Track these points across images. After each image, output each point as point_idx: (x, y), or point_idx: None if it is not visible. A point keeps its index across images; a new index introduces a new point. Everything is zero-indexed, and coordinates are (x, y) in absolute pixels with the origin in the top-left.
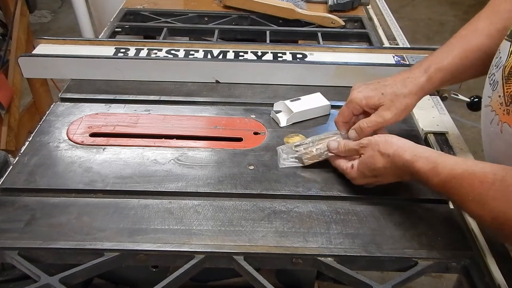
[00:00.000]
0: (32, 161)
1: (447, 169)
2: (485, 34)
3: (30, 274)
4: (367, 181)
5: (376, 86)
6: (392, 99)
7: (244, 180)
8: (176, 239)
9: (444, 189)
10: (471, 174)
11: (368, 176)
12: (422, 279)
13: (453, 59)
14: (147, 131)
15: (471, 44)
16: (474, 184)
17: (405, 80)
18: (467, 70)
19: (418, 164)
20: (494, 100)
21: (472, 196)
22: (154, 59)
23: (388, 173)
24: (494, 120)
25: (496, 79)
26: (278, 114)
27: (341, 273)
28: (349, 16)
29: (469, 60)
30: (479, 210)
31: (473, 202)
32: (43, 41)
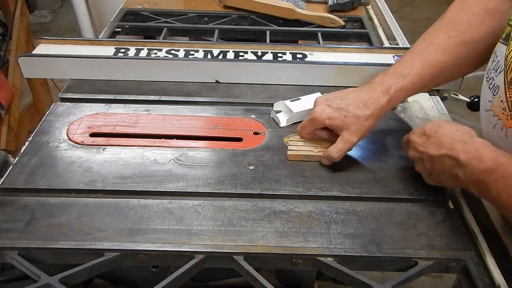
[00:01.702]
0: (32, 161)
1: (507, 157)
2: (442, 49)
3: (30, 274)
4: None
5: (339, 106)
6: (355, 122)
7: (244, 180)
8: (176, 239)
9: (493, 177)
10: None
11: (423, 135)
12: (422, 279)
13: (412, 78)
14: (147, 131)
15: (429, 60)
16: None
17: (366, 102)
18: (425, 86)
19: (478, 142)
20: (496, 105)
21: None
22: (154, 59)
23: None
24: (497, 125)
25: (496, 83)
26: (278, 114)
27: (341, 273)
28: (349, 16)
29: (427, 77)
30: None
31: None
32: (43, 41)
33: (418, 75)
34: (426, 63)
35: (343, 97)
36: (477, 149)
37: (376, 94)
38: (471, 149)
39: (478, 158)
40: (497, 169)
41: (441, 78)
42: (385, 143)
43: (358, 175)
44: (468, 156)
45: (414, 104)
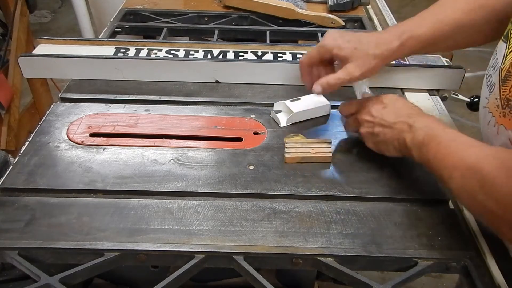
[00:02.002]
0: (32, 161)
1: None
2: (461, 8)
3: (30, 274)
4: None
5: (351, 39)
6: (362, 57)
7: (244, 180)
8: (176, 239)
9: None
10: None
11: (381, 101)
12: (422, 279)
13: (427, 29)
14: (147, 131)
15: (447, 17)
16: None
17: (379, 41)
18: (438, 42)
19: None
20: (491, 102)
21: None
22: (154, 59)
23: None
24: (491, 122)
25: (493, 81)
26: (278, 114)
27: (341, 273)
28: (349, 16)
29: (442, 33)
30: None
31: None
32: (43, 41)
33: (433, 29)
34: (442, 19)
35: (356, 34)
36: (431, 121)
37: (389, 37)
38: (425, 119)
39: (429, 126)
40: (444, 135)
41: (454, 38)
42: None
43: (358, 175)
44: (421, 124)
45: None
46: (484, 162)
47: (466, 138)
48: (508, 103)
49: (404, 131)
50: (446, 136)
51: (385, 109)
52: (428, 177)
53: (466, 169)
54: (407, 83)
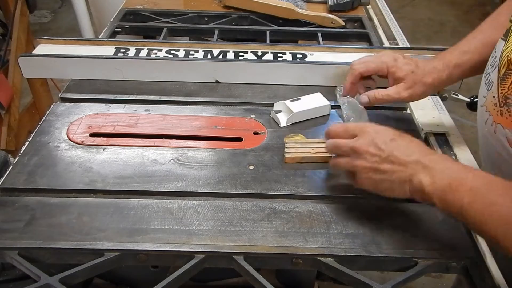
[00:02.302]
0: (32, 161)
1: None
2: (503, 28)
3: (30, 274)
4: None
5: (409, 62)
6: (415, 82)
7: (244, 180)
8: (176, 239)
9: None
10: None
11: (389, 132)
12: (422, 279)
13: (473, 55)
14: (147, 131)
15: (490, 38)
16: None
17: (432, 71)
18: (482, 66)
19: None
20: (488, 100)
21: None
22: (154, 59)
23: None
24: (488, 120)
25: (491, 79)
26: (278, 114)
27: (341, 273)
28: (349, 16)
29: (486, 55)
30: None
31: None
32: (43, 41)
33: (479, 53)
34: (486, 41)
35: (412, 59)
36: (449, 161)
37: (439, 66)
38: (442, 160)
39: (451, 168)
40: (472, 178)
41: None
42: None
43: None
44: (441, 166)
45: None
46: None
47: (498, 180)
48: (506, 101)
49: (419, 173)
50: (476, 180)
51: (395, 143)
52: None
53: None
54: None
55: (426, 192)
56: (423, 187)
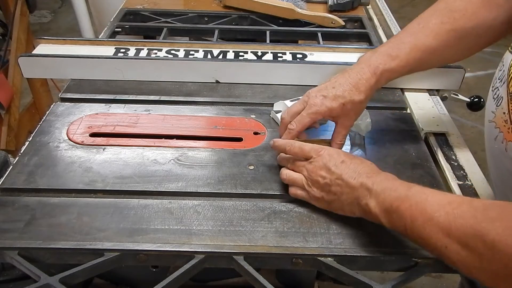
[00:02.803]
0: (32, 161)
1: (419, 186)
2: (434, 34)
3: (30, 274)
4: (334, 156)
5: (335, 94)
6: (353, 108)
7: (244, 180)
8: (176, 239)
9: (407, 203)
10: (441, 195)
11: (338, 156)
12: (422, 279)
13: (400, 61)
14: (147, 131)
15: (419, 44)
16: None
17: (358, 84)
18: (412, 69)
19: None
20: (498, 116)
21: (438, 213)
22: (154, 59)
23: (354, 169)
24: (498, 137)
25: (500, 94)
26: (278, 114)
27: (341, 273)
28: (349, 16)
29: (415, 61)
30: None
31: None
32: (43, 41)
33: (406, 59)
34: (415, 47)
35: (335, 85)
36: (389, 179)
37: (365, 75)
38: (383, 179)
39: (390, 187)
40: (411, 195)
41: (428, 63)
42: (384, 144)
43: None
44: (381, 186)
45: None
46: (486, 226)
47: (438, 194)
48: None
49: (365, 196)
50: (415, 196)
51: (344, 165)
52: (428, 177)
53: (465, 237)
54: (407, 83)
55: (373, 213)
56: (370, 209)
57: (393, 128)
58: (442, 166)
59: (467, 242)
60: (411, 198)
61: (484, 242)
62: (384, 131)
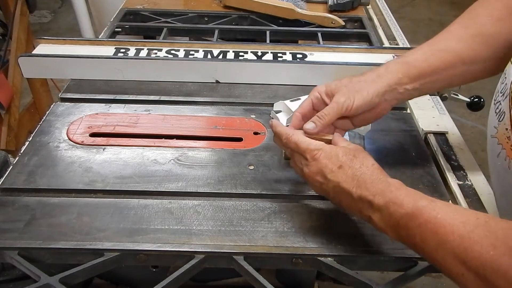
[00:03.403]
0: (32, 161)
1: (427, 200)
2: (455, 37)
3: (30, 274)
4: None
5: (343, 79)
6: (347, 85)
7: (244, 180)
8: (176, 239)
9: (416, 222)
10: (453, 212)
11: (336, 160)
12: (422, 279)
13: (417, 56)
14: (147, 131)
15: (439, 45)
16: (455, 223)
17: (366, 72)
18: (437, 71)
19: (397, 185)
20: (500, 132)
21: (453, 237)
22: (154, 59)
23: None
24: (501, 154)
25: (502, 108)
26: (278, 114)
27: (341, 273)
28: (349, 16)
29: (436, 59)
30: (460, 254)
31: (453, 244)
32: (43, 41)
33: (425, 56)
34: (434, 47)
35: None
36: (393, 191)
37: (377, 67)
38: (386, 191)
39: (395, 201)
40: (420, 213)
41: (457, 68)
42: (384, 144)
43: None
44: (384, 199)
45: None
46: (507, 261)
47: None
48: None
49: (367, 210)
50: (424, 212)
51: (342, 171)
52: (428, 177)
53: (483, 269)
54: None
55: (379, 227)
56: (375, 223)
57: (393, 128)
58: (442, 166)
59: (486, 276)
60: (420, 216)
61: (506, 279)
62: (384, 131)
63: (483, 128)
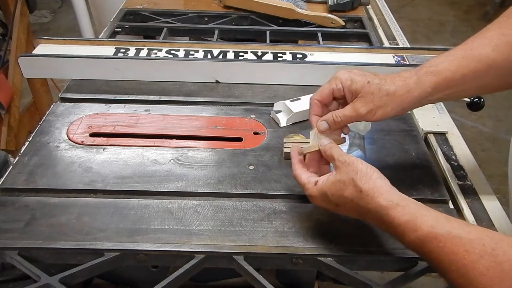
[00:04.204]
0: (32, 161)
1: (427, 225)
2: (492, 44)
3: (30, 274)
4: (326, 206)
5: (366, 73)
6: (373, 92)
7: (244, 180)
8: (176, 239)
9: (421, 250)
10: (456, 239)
11: (328, 201)
12: (422, 279)
13: (449, 65)
14: (147, 131)
15: (473, 53)
16: (459, 253)
17: (395, 78)
18: (467, 81)
19: (394, 212)
20: None
21: (456, 267)
22: (154, 59)
23: (351, 208)
24: None
25: None
26: (278, 114)
27: (341, 273)
28: (349, 16)
29: (469, 70)
30: (464, 285)
31: (457, 273)
32: (43, 41)
33: (458, 65)
34: (469, 55)
35: (372, 73)
36: (393, 220)
37: (406, 74)
38: (386, 221)
39: (397, 231)
40: (422, 244)
41: (488, 77)
42: (384, 144)
43: None
44: (387, 229)
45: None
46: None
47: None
48: None
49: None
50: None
51: (341, 208)
52: (428, 177)
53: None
54: None
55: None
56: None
57: (393, 128)
58: (442, 166)
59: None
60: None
61: None
62: (384, 131)
63: (483, 128)
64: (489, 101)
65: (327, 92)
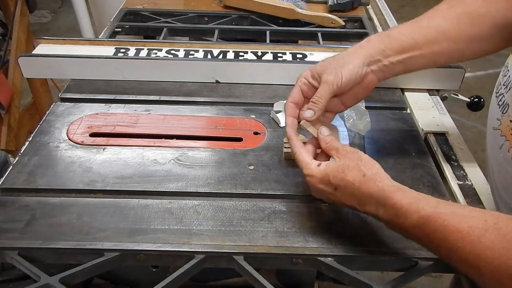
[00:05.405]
0: (32, 161)
1: (430, 206)
2: (442, 15)
3: (30, 274)
4: (323, 188)
5: (329, 58)
6: (331, 62)
7: (244, 180)
8: (176, 239)
9: (425, 231)
10: (459, 217)
11: (327, 183)
12: (422, 279)
13: (400, 30)
14: (147, 131)
15: (423, 21)
16: (463, 230)
17: (346, 48)
18: (420, 46)
19: (396, 195)
20: (504, 124)
21: (462, 244)
22: (154, 59)
23: (350, 193)
24: (504, 146)
25: (506, 101)
26: (278, 114)
27: (341, 273)
28: (349, 16)
29: (420, 35)
30: (472, 261)
31: (464, 250)
32: (43, 41)
33: (409, 31)
34: (418, 23)
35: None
36: (395, 203)
37: (359, 44)
38: (388, 204)
39: (399, 214)
40: (426, 223)
41: (442, 44)
42: (384, 144)
43: None
44: (388, 214)
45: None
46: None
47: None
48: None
49: (378, 219)
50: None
51: (338, 192)
52: (428, 177)
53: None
54: (407, 83)
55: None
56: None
57: (393, 128)
58: (442, 166)
59: (502, 279)
60: (427, 226)
61: None
62: (384, 131)
63: (483, 128)
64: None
65: (296, 91)
